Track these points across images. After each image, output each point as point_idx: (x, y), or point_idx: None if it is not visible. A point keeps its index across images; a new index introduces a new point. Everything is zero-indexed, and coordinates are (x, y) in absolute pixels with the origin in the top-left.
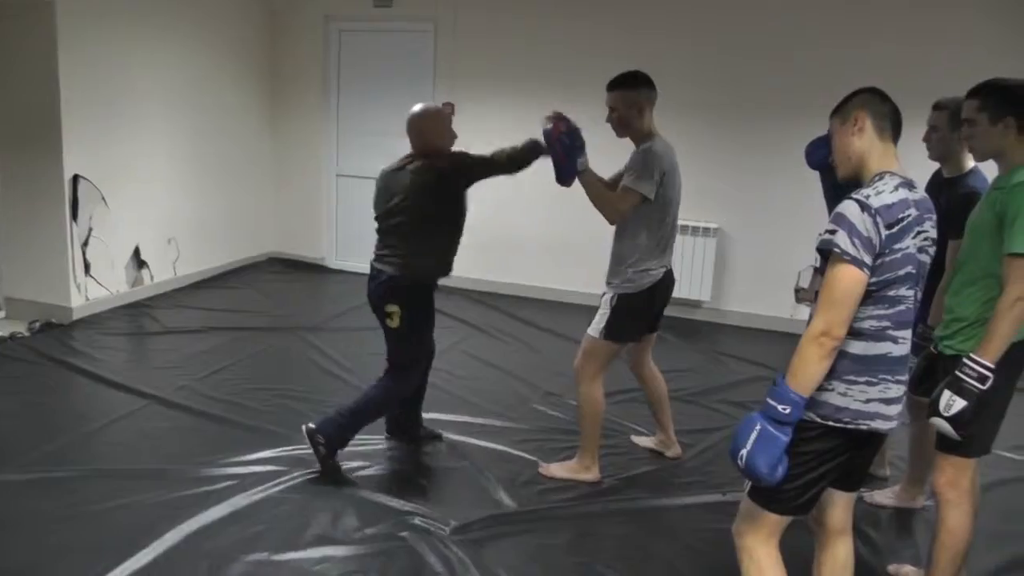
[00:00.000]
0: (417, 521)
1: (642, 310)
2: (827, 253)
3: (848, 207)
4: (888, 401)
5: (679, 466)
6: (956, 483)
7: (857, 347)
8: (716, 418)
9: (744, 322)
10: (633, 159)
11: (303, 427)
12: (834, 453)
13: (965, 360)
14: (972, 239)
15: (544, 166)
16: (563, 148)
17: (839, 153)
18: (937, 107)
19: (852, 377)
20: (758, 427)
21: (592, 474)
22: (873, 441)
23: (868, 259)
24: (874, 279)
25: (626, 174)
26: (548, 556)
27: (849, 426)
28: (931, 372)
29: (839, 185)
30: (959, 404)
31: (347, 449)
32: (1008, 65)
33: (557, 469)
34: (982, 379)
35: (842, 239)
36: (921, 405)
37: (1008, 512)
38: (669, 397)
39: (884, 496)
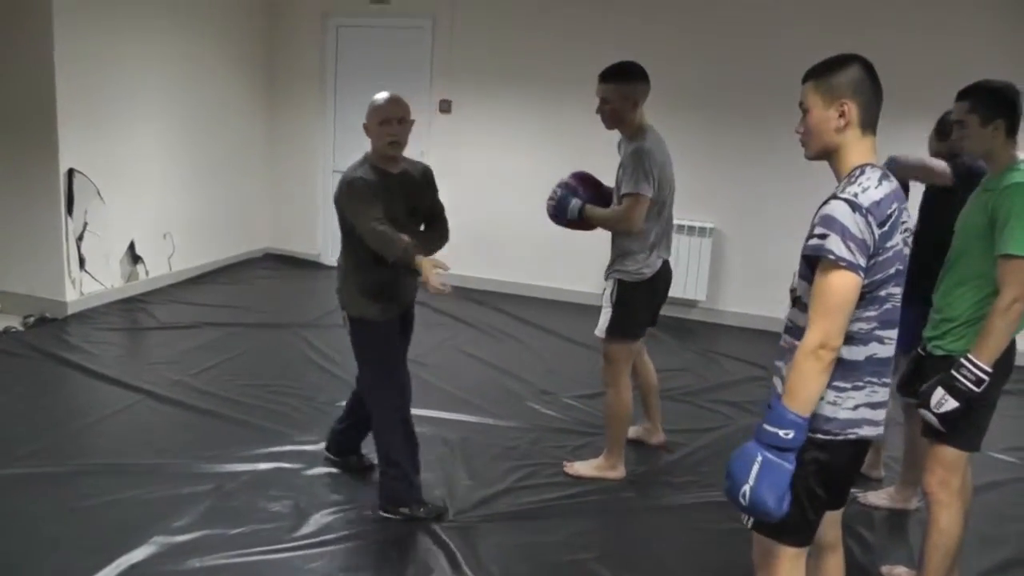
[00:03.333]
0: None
1: (644, 301)
2: (816, 259)
3: (837, 208)
4: (874, 405)
5: (672, 465)
6: (947, 483)
7: (845, 352)
8: (710, 418)
9: (739, 322)
10: (626, 161)
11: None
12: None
13: (962, 361)
14: (962, 240)
15: (535, 156)
16: (558, 217)
17: (814, 134)
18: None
19: (840, 383)
20: (759, 458)
21: (618, 472)
22: (860, 453)
23: (863, 262)
24: (866, 280)
25: (624, 180)
26: (540, 553)
27: (837, 438)
28: (919, 373)
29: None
30: (950, 404)
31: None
32: (1006, 60)
33: (583, 467)
34: (978, 382)
35: (835, 244)
36: (913, 406)
37: (1000, 514)
38: (663, 396)
39: (878, 497)
